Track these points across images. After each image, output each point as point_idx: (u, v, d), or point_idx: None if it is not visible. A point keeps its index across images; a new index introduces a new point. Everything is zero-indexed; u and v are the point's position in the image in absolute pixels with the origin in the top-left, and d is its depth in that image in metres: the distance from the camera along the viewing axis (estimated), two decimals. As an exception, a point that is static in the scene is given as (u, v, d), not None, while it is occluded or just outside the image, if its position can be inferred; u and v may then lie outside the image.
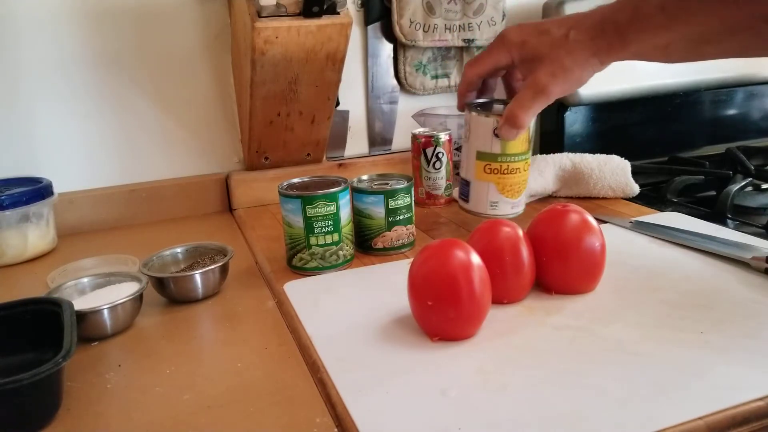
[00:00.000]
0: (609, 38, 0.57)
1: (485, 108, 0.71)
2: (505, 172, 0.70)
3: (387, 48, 1.02)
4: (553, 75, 0.60)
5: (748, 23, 0.49)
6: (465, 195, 0.75)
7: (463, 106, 0.72)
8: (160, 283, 0.64)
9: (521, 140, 0.69)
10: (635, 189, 0.88)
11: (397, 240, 0.72)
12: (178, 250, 0.70)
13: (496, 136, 0.68)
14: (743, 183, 0.89)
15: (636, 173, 0.89)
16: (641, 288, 0.60)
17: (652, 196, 0.90)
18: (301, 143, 0.95)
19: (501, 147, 0.69)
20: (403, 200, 0.71)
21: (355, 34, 0.99)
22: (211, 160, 0.98)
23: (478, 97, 0.73)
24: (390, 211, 0.70)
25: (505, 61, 0.65)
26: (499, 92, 0.74)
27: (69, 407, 0.48)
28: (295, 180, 0.71)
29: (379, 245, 0.72)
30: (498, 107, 0.71)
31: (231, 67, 0.95)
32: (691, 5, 0.51)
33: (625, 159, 0.90)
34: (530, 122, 0.65)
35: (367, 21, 0.99)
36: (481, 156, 0.71)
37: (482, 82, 0.71)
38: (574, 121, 1.04)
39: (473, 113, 0.70)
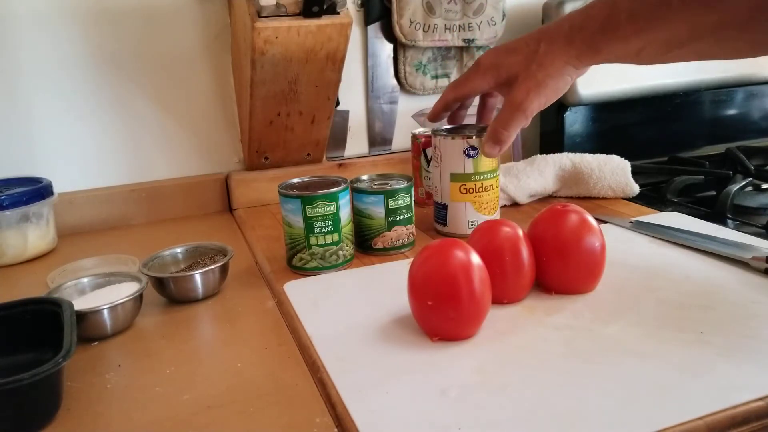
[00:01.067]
0: (579, 46, 0.58)
1: (452, 132, 0.74)
2: (480, 190, 0.73)
3: (387, 48, 1.02)
4: (528, 91, 0.61)
5: (713, 28, 0.50)
6: (442, 219, 0.76)
7: (434, 118, 0.74)
8: (160, 283, 0.64)
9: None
10: (635, 189, 0.88)
11: (397, 240, 0.72)
12: (178, 250, 0.70)
13: (467, 156, 0.71)
14: (743, 183, 0.89)
15: (636, 173, 0.89)
16: (641, 288, 0.60)
17: (652, 196, 0.90)
18: (301, 143, 0.95)
19: (473, 166, 0.72)
20: (403, 200, 0.71)
21: (355, 34, 0.99)
22: (211, 160, 0.98)
23: (453, 116, 0.75)
24: (390, 211, 0.70)
25: (482, 88, 0.67)
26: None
27: (69, 407, 0.48)
28: (295, 180, 0.71)
29: (379, 245, 0.72)
30: (464, 130, 0.74)
31: (231, 67, 0.95)
32: (661, 12, 0.52)
33: (625, 159, 0.90)
34: (512, 139, 0.67)
35: (367, 21, 0.99)
36: (455, 177, 0.73)
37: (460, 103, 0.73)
38: (574, 121, 1.04)
39: (441, 137, 0.73)
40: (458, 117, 0.75)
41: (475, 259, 0.51)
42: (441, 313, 0.51)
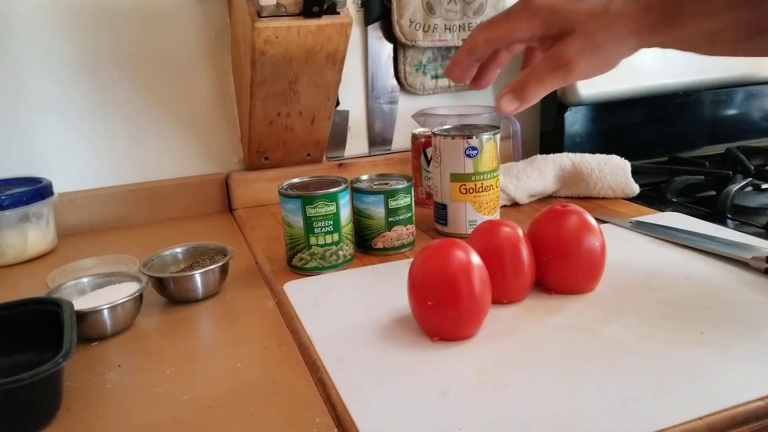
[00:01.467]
0: (656, 16, 0.48)
1: (452, 132, 0.74)
2: (480, 190, 0.73)
3: (387, 48, 1.02)
4: (583, 50, 0.49)
5: None
6: (442, 219, 0.77)
7: (454, 72, 0.57)
8: (160, 283, 0.64)
9: (491, 158, 0.73)
10: (635, 189, 0.88)
11: (397, 240, 0.72)
12: (178, 250, 0.70)
13: (467, 156, 0.71)
14: (743, 183, 0.89)
15: (636, 173, 0.89)
16: (641, 288, 0.60)
17: (652, 196, 0.90)
18: (301, 143, 0.95)
19: (473, 166, 0.72)
20: (403, 200, 0.71)
21: (355, 34, 0.99)
22: (211, 160, 0.98)
23: (479, 74, 0.59)
24: (390, 211, 0.70)
25: (523, 34, 0.52)
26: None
27: (69, 407, 0.48)
28: (295, 180, 0.71)
29: (379, 245, 0.72)
30: (464, 130, 0.75)
31: (231, 67, 0.95)
32: None
33: (625, 159, 0.90)
34: (538, 99, 0.52)
35: (367, 21, 0.99)
36: (455, 177, 0.73)
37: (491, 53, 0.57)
38: (574, 121, 1.04)
39: (441, 138, 0.73)
40: (488, 74, 0.58)
41: (475, 259, 0.51)
42: (441, 313, 0.51)
